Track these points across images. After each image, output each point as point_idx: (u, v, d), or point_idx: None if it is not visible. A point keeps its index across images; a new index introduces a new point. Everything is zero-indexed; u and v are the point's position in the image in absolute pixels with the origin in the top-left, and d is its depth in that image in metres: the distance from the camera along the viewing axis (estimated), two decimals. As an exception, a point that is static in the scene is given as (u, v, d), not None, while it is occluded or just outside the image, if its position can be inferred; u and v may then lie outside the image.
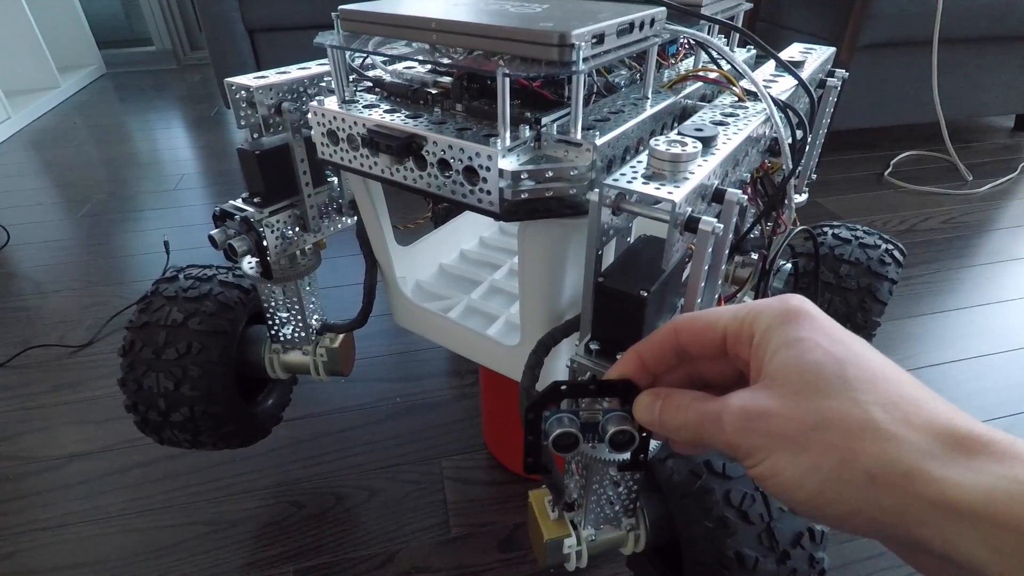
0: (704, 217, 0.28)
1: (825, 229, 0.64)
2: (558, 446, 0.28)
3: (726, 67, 0.46)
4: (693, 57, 0.51)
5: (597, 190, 0.29)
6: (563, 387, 0.28)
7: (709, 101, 0.47)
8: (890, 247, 0.61)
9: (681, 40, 0.52)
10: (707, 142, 0.33)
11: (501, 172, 0.33)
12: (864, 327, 0.59)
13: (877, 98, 1.46)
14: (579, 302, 0.43)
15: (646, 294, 0.30)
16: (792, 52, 0.53)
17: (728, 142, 0.34)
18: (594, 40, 0.33)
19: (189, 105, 2.18)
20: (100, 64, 2.56)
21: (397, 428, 0.78)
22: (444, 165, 0.35)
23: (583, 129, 0.34)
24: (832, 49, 0.56)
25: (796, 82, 0.45)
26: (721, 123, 0.37)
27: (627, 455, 0.29)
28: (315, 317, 0.56)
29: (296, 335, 0.56)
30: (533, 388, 0.39)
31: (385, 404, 0.82)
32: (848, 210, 1.33)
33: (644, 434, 0.28)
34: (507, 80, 0.32)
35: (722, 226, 0.29)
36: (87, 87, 2.40)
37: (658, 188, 0.28)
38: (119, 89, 2.39)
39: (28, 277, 1.13)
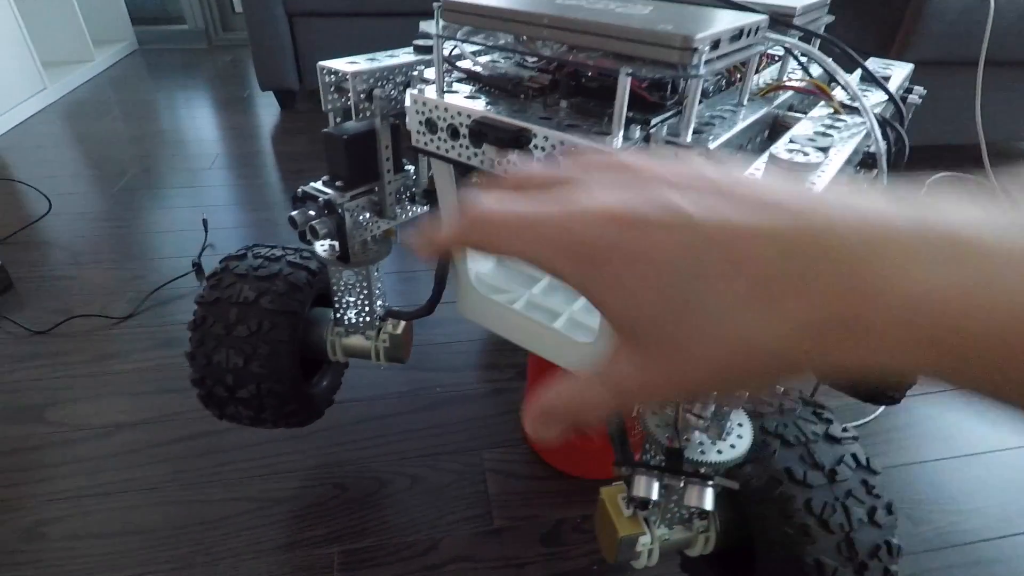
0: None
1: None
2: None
3: (816, 75, 0.46)
4: (774, 67, 0.51)
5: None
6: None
7: (794, 112, 0.47)
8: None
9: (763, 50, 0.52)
10: (824, 152, 0.33)
11: (615, 170, 0.33)
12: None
13: (918, 117, 1.45)
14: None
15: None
16: (873, 67, 0.53)
17: (840, 153, 0.34)
18: (711, 45, 0.34)
19: (220, 86, 2.18)
20: (132, 40, 2.57)
21: (437, 418, 0.79)
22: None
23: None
24: (911, 66, 0.56)
25: (883, 96, 0.45)
26: (825, 135, 0.37)
27: None
28: (379, 303, 0.57)
29: (360, 320, 0.56)
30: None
31: (425, 393, 0.83)
32: (882, 227, 1.32)
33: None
34: (628, 80, 0.33)
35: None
36: (119, 62, 2.41)
37: (785, 195, 0.29)
38: (150, 66, 2.41)
39: (67, 247, 1.14)
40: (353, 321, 0.56)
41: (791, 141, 0.34)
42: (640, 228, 0.15)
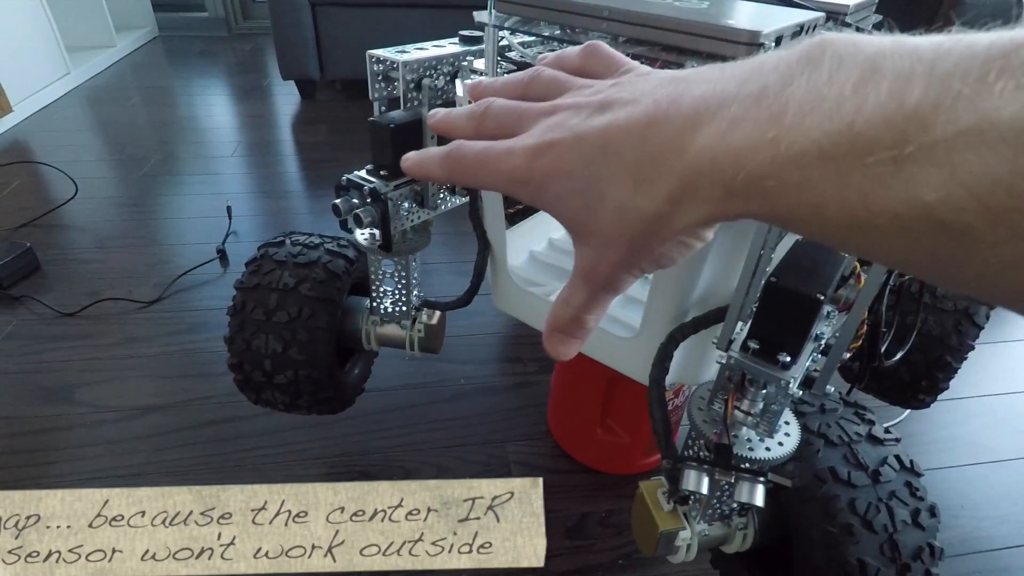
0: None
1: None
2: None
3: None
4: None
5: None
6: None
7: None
8: (987, 272, 0.61)
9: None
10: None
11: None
12: (958, 350, 0.59)
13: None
14: (707, 300, 0.44)
15: (823, 297, 0.30)
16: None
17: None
18: (775, 41, 0.34)
19: (240, 74, 2.19)
20: (154, 26, 2.58)
21: (462, 409, 0.79)
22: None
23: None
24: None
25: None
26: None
27: None
28: (416, 293, 0.57)
29: (397, 309, 0.57)
30: (663, 380, 0.40)
31: (449, 385, 0.83)
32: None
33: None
34: (692, 74, 0.32)
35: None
36: (140, 48, 2.42)
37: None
38: (170, 53, 2.42)
39: (93, 231, 1.15)
40: (389, 310, 0.57)
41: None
42: (552, 154, 0.19)
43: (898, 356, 0.55)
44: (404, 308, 0.57)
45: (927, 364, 0.60)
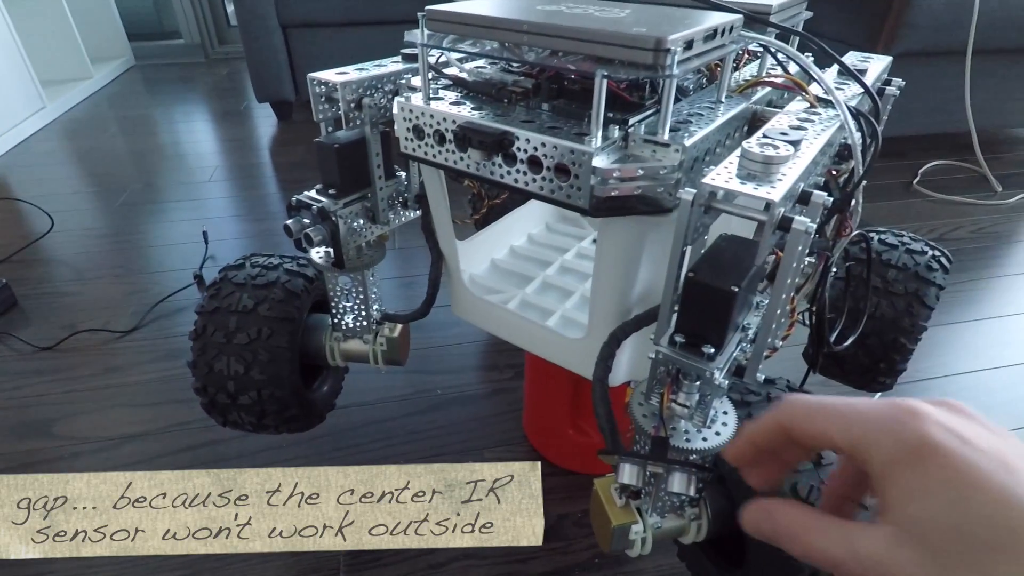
0: (797, 217, 0.30)
1: (871, 234, 0.65)
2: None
3: (794, 72, 0.47)
4: (756, 63, 0.52)
5: (692, 189, 0.31)
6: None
7: (774, 107, 0.49)
8: (937, 253, 0.62)
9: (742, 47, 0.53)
10: (794, 145, 0.34)
11: (594, 170, 0.34)
12: (911, 332, 0.60)
13: (907, 107, 1.47)
14: (648, 298, 0.45)
15: (736, 289, 0.31)
16: (852, 60, 0.55)
17: (811, 146, 0.35)
18: (685, 46, 0.35)
19: (217, 99, 2.20)
20: (130, 56, 2.60)
21: (438, 419, 0.80)
22: (534, 162, 0.37)
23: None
24: (889, 59, 0.57)
25: (861, 89, 0.46)
26: (799, 128, 0.38)
27: None
28: (375, 307, 0.58)
29: (358, 324, 0.57)
30: (606, 378, 0.41)
31: (425, 396, 0.84)
32: (876, 218, 1.33)
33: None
34: (604, 82, 0.34)
35: (814, 225, 0.30)
36: (118, 79, 2.44)
37: (755, 188, 0.30)
38: (148, 81, 2.43)
39: (70, 264, 1.16)
40: (350, 326, 0.58)
41: (764, 136, 0.35)
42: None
43: (849, 341, 0.56)
44: (365, 323, 0.57)
45: (883, 347, 0.61)
